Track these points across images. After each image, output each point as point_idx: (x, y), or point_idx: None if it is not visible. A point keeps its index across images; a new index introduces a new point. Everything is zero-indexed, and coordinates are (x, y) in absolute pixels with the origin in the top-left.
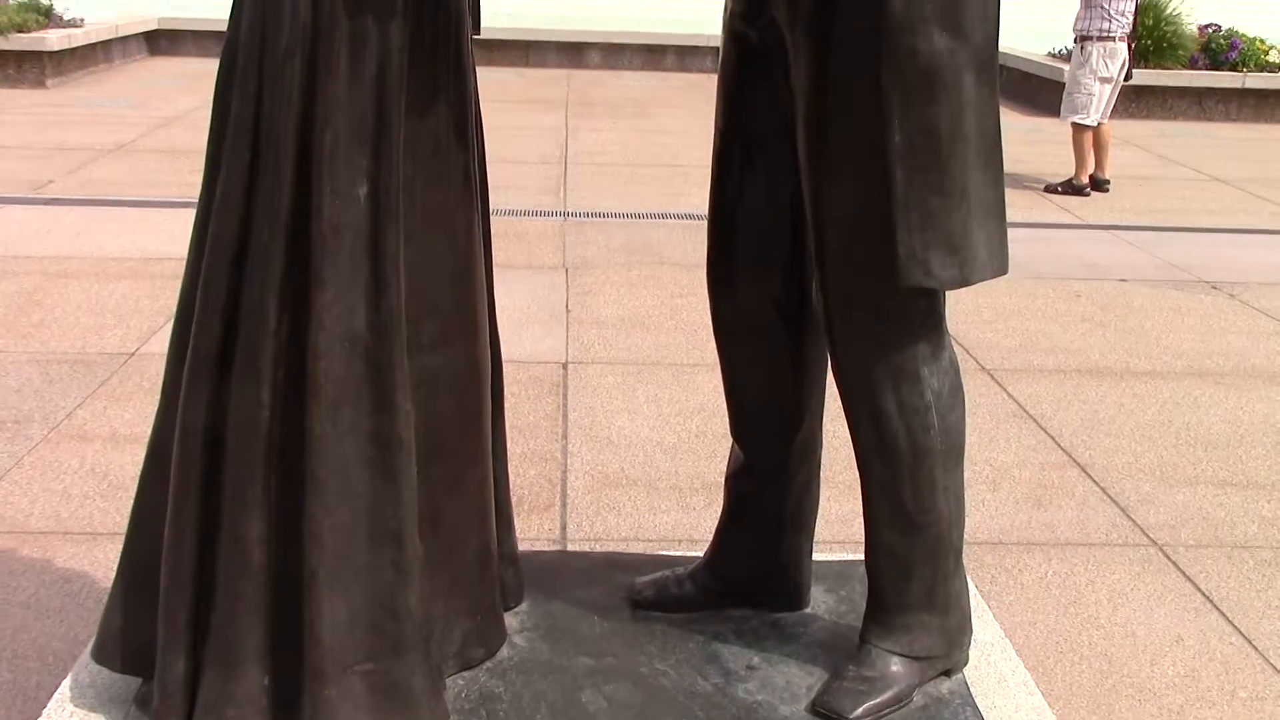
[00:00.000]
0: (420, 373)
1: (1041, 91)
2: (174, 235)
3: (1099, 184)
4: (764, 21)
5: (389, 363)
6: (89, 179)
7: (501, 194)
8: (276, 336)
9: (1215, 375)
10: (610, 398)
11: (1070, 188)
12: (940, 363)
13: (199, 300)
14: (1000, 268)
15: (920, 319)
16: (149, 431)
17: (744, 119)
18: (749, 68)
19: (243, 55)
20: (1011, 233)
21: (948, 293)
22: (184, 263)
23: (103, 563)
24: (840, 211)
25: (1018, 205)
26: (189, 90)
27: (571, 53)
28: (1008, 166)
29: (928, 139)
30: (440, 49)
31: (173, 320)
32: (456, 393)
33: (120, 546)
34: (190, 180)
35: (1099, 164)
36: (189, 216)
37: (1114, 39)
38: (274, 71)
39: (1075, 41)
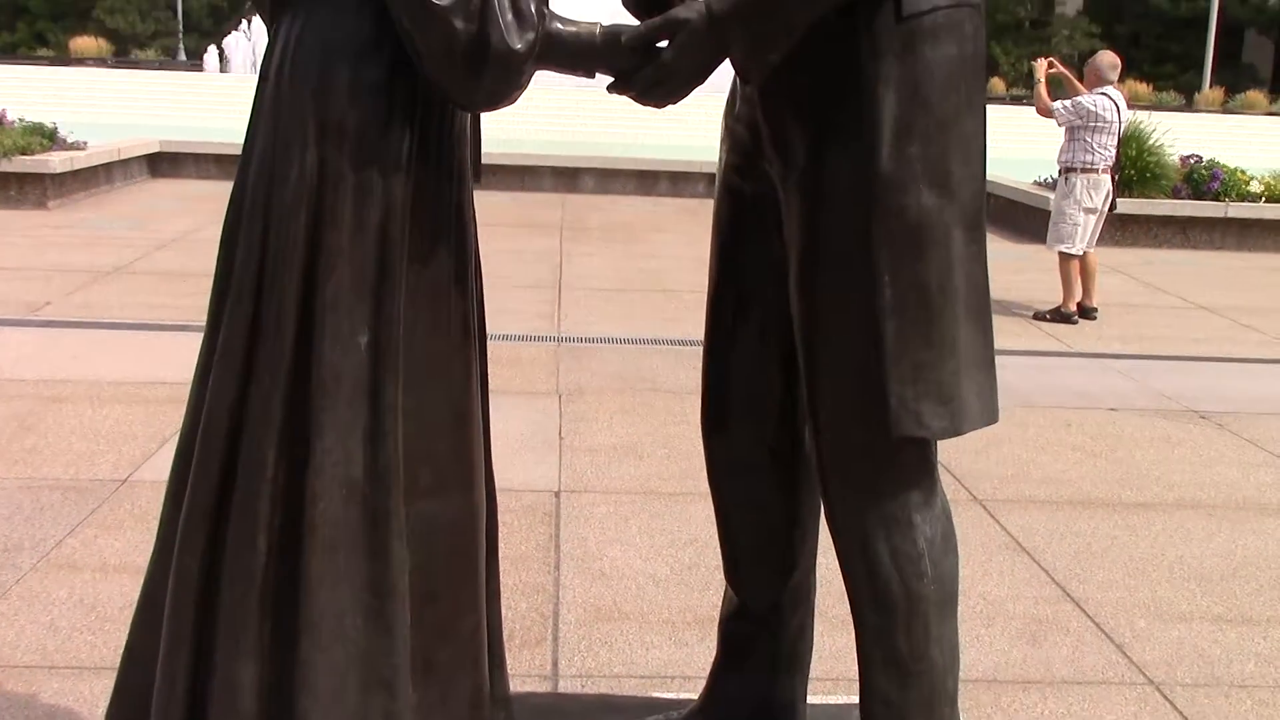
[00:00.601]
0: (416, 519)
1: (1028, 219)
2: (169, 359)
3: (1087, 312)
4: (757, 175)
5: (386, 511)
6: (86, 301)
7: (497, 318)
8: (274, 483)
9: (1207, 507)
10: (603, 528)
11: (1059, 315)
12: (933, 510)
13: (198, 447)
14: (991, 417)
15: (912, 467)
16: (139, 561)
17: (737, 269)
18: (743, 219)
19: (249, 206)
20: (1002, 360)
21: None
22: (179, 387)
23: (89, 698)
24: (832, 362)
25: (1007, 332)
26: (188, 212)
27: (566, 177)
28: (996, 293)
29: (918, 293)
30: (442, 200)
31: (171, 466)
32: (452, 539)
33: (107, 682)
34: (186, 303)
35: (1086, 292)
36: (184, 340)
37: (1097, 171)
38: (279, 224)
39: (1060, 173)
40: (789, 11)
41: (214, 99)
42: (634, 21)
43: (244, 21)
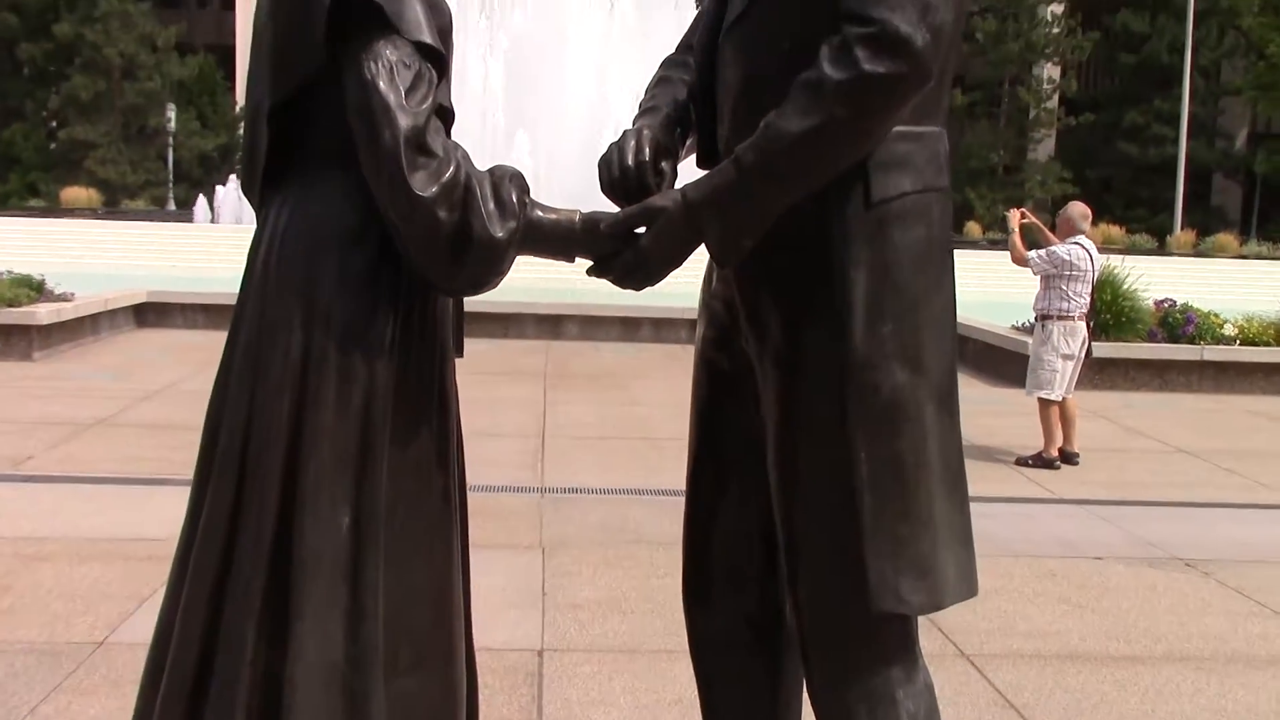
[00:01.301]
0: (396, 697)
1: (1006, 363)
2: (151, 514)
3: (1068, 457)
4: (734, 350)
5: (365, 693)
6: (69, 454)
7: (479, 469)
8: (254, 666)
9: (1196, 660)
10: (586, 689)
11: (1040, 461)
12: (915, 685)
13: (177, 629)
14: (970, 590)
15: (893, 643)
16: None
17: (716, 442)
18: (721, 393)
19: (234, 388)
20: (985, 508)
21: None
22: (159, 544)
23: None
24: (810, 537)
25: (990, 479)
26: (174, 363)
27: (549, 324)
28: (978, 439)
29: (894, 469)
30: (425, 381)
31: (151, 641)
32: (432, 714)
33: None
34: (169, 456)
35: (1067, 437)
36: (166, 494)
37: (1073, 318)
38: (263, 406)
39: (1037, 320)
40: (763, 199)
41: (203, 249)
42: (612, 207)
43: (234, 173)
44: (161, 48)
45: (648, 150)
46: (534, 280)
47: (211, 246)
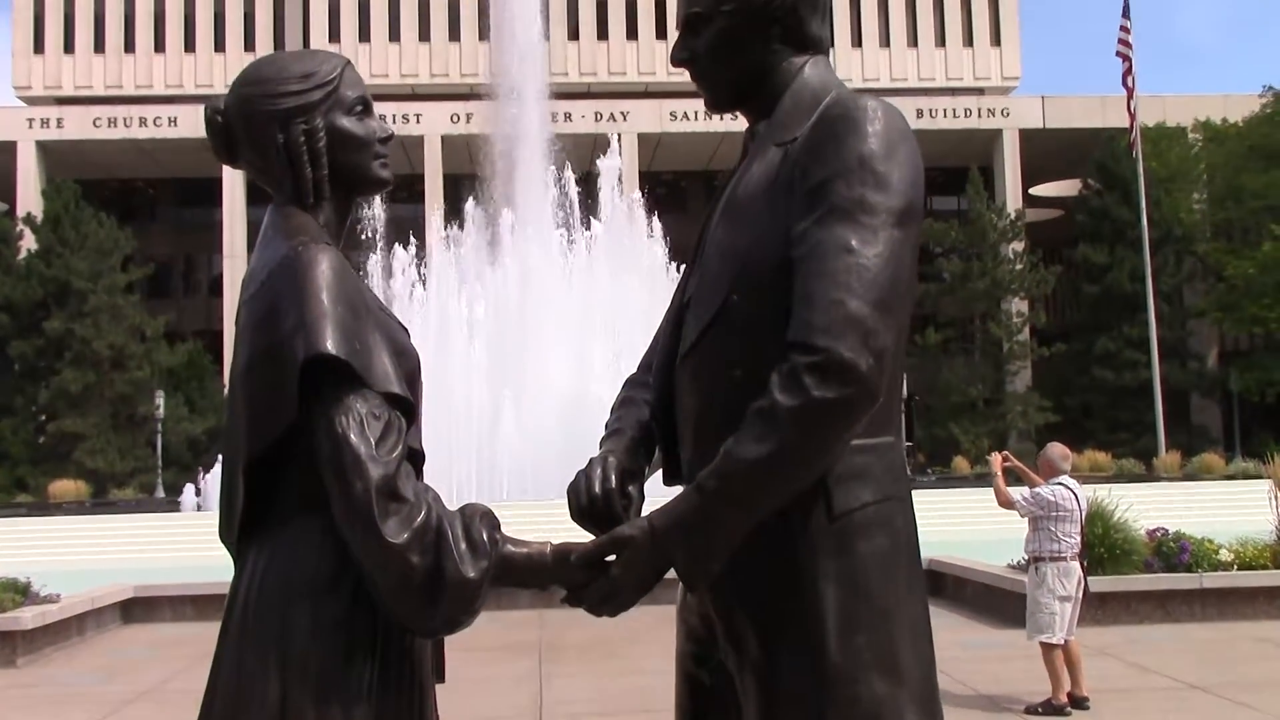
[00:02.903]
0: None
1: (1007, 604)
2: None
3: (1078, 702)
4: (714, 664)
5: None
6: None
7: None
8: None
9: None
10: None
11: (1050, 708)
12: None
13: None
14: None
15: None
16: None
17: None
18: (704, 706)
19: None
20: None
21: None
22: None
23: None
24: None
25: None
26: (163, 660)
27: (544, 594)
28: (984, 687)
29: None
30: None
31: None
32: None
33: None
34: None
35: (1074, 681)
36: None
37: (1066, 559)
38: None
39: (1029, 562)
40: (726, 524)
41: (191, 537)
42: (585, 536)
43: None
44: (150, 337)
45: (613, 478)
46: None
47: (199, 534)
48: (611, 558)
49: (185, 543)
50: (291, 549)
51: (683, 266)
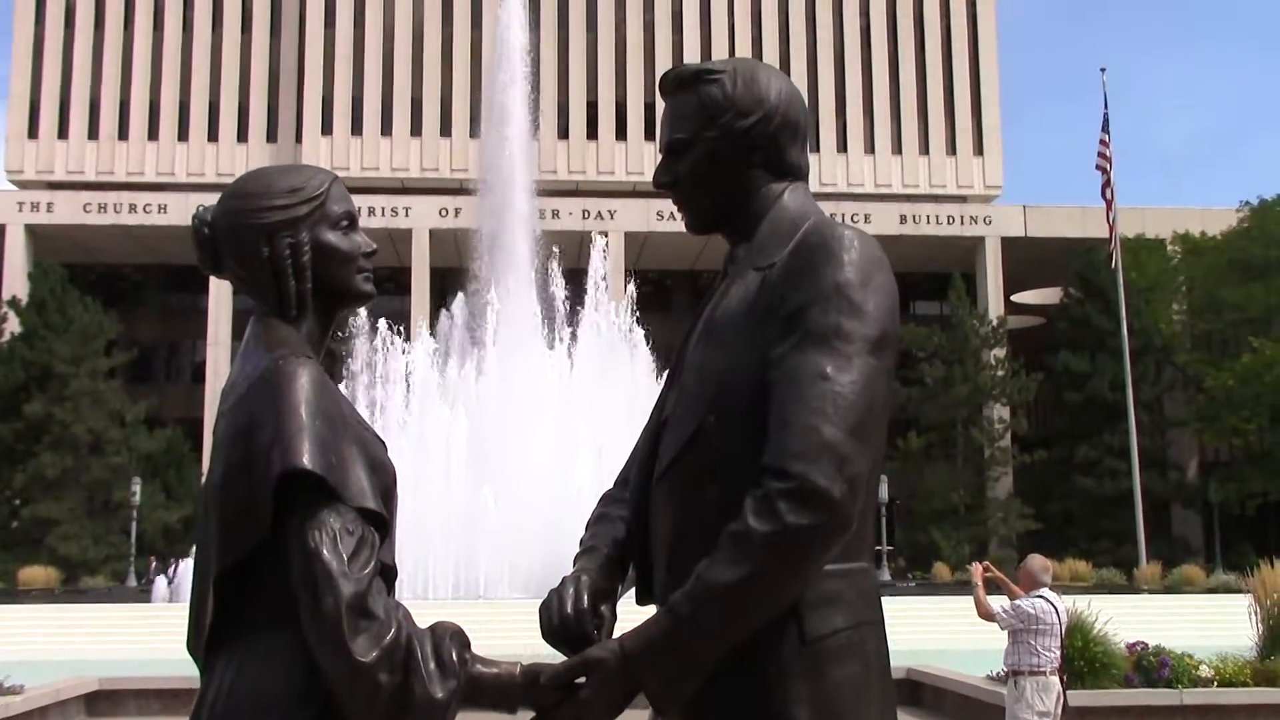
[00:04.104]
0: None
1: (986, 716)
2: None
3: None
4: None
5: None
6: None
7: None
8: None
9: None
10: None
11: None
12: None
13: None
14: None
15: None
16: None
17: None
18: None
19: None
20: None
21: None
22: None
23: None
24: None
25: None
26: None
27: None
28: None
29: None
30: None
31: None
32: None
33: None
34: None
35: None
36: None
37: (1045, 673)
38: None
39: (1008, 676)
40: (698, 648)
41: (160, 629)
42: (557, 655)
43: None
44: (130, 423)
45: (585, 597)
46: None
47: (169, 626)
48: (582, 679)
49: (154, 634)
50: (261, 662)
51: (666, 363)
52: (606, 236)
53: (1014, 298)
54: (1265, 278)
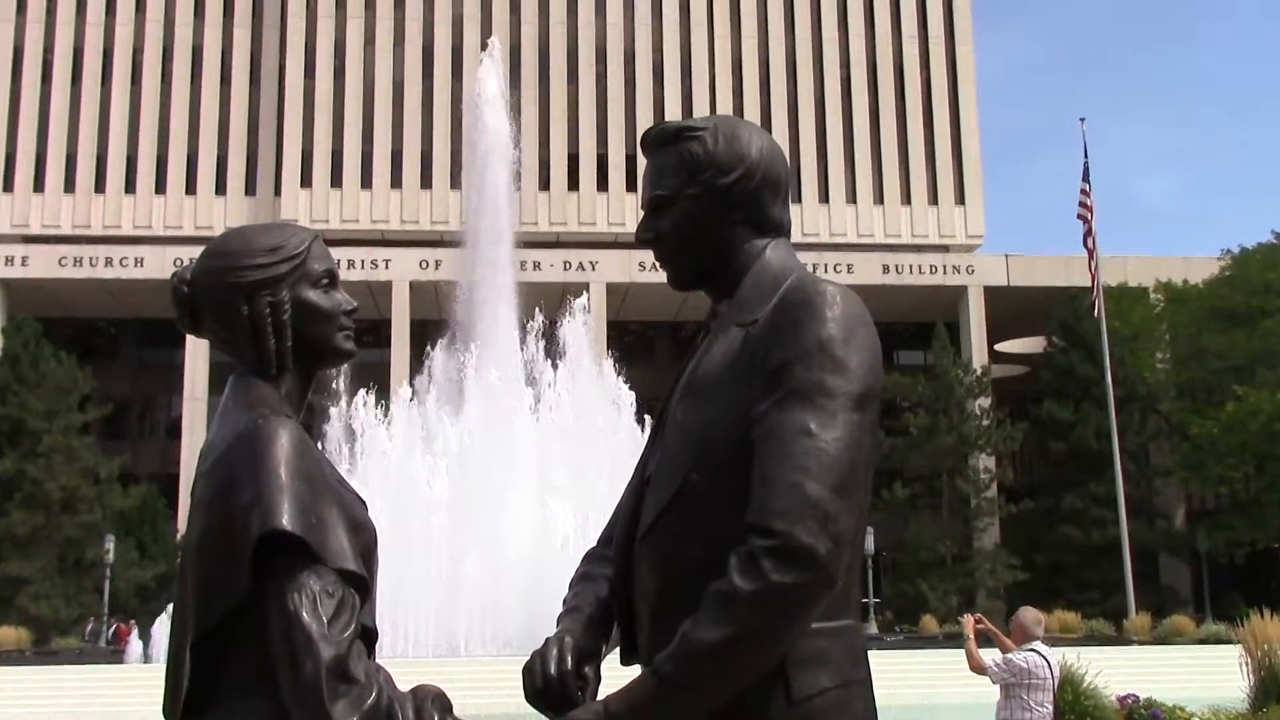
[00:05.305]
0: None
1: None
2: None
3: None
4: None
5: None
6: None
7: None
8: None
9: None
10: None
11: None
12: None
13: None
14: None
15: None
16: None
17: None
18: None
19: None
20: None
21: None
22: None
23: None
24: None
25: None
26: None
27: None
28: None
29: None
30: None
31: None
32: None
33: None
34: None
35: None
36: None
37: None
38: None
39: None
40: (683, 709)
41: (132, 690)
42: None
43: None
44: (104, 479)
45: (569, 659)
46: None
47: (146, 687)
48: None
49: (126, 697)
50: None
51: (649, 415)
52: (588, 289)
53: (998, 347)
54: (1247, 325)
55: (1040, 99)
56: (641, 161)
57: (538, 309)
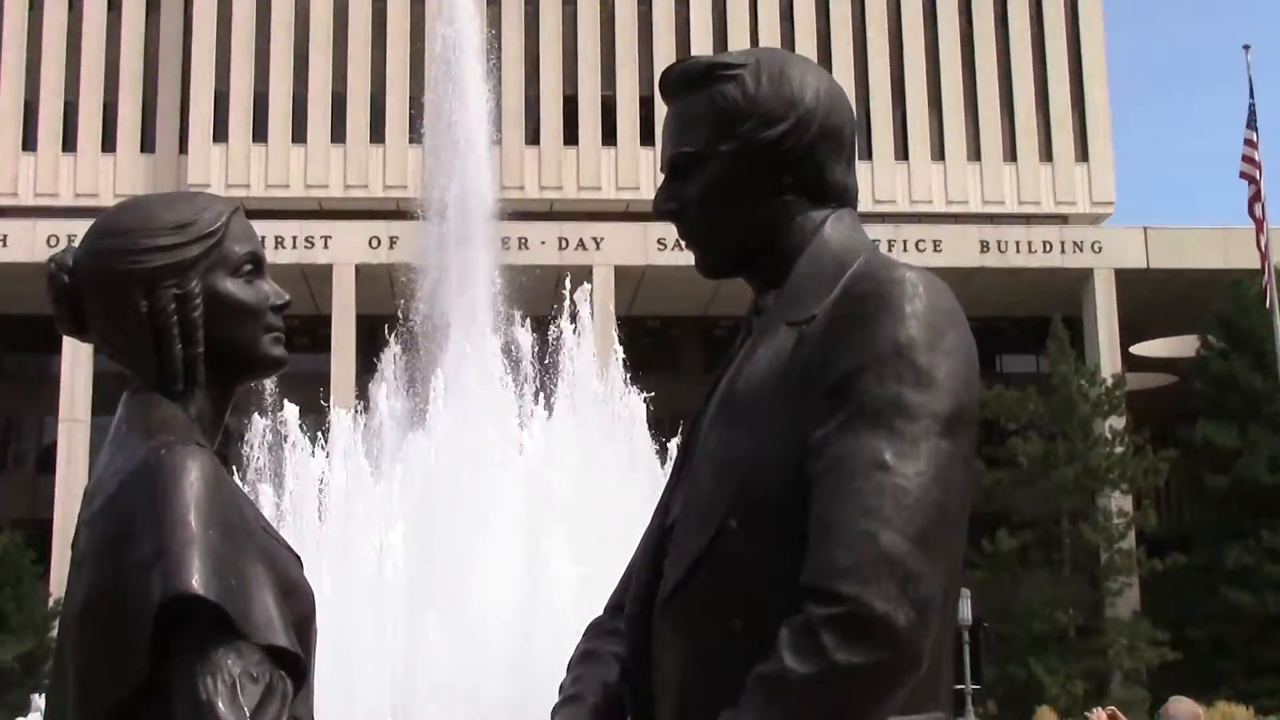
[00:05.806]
0: None
1: None
2: None
3: None
4: None
5: None
6: None
7: None
8: None
9: None
10: None
11: None
12: None
13: None
14: None
15: None
16: None
17: None
18: None
19: None
20: None
21: None
22: None
23: None
24: None
25: None
26: None
27: None
28: None
29: None
30: None
31: None
32: None
33: None
34: None
35: None
36: None
37: None
38: None
39: None
40: None
41: None
42: None
43: (39, 692)
44: None
45: None
46: None
47: None
48: None
49: None
50: None
51: (670, 438)
52: (591, 274)
53: (1134, 349)
54: None
55: (1189, 22)
56: (661, 108)
57: (523, 300)
